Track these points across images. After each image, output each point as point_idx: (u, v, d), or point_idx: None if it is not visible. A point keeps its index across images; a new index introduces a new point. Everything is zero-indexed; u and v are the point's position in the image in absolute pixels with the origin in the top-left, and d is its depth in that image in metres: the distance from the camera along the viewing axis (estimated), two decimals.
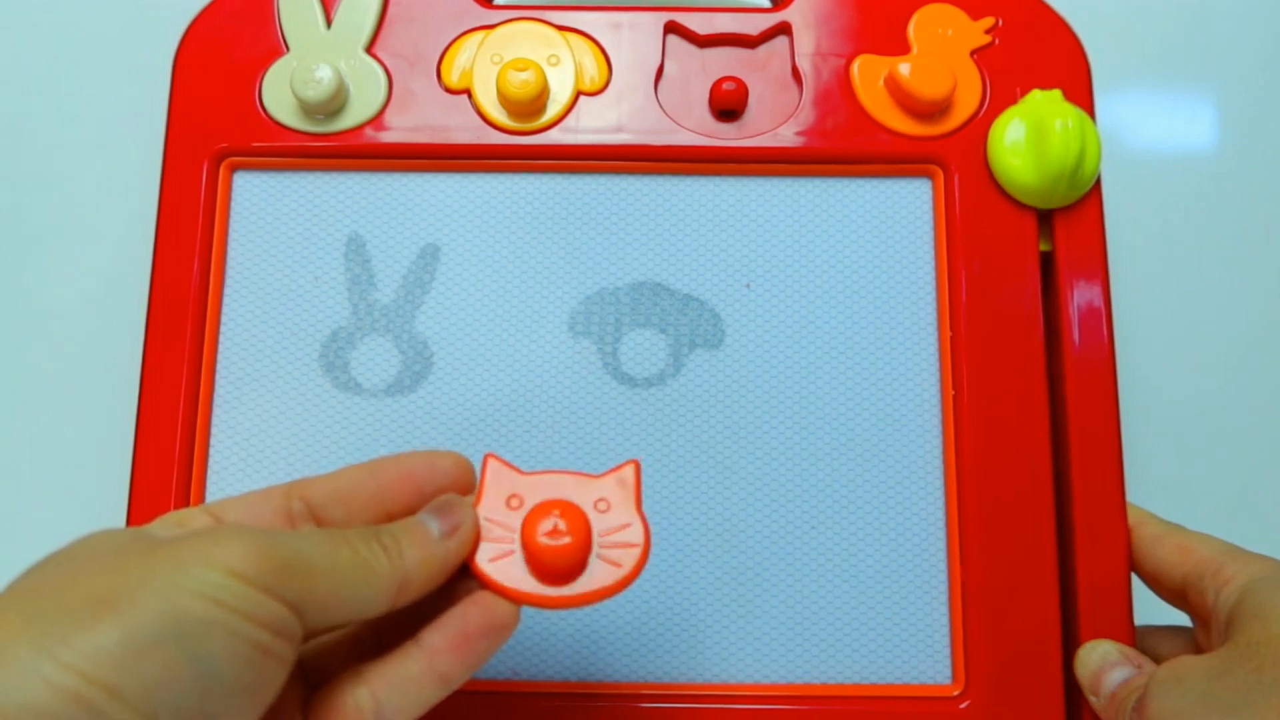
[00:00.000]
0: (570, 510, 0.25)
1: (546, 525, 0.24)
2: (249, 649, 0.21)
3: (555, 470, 0.26)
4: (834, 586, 0.32)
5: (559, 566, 0.24)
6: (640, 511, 0.26)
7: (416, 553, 0.24)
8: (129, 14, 0.43)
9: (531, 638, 0.31)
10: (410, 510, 0.25)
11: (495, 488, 0.26)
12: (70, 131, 0.42)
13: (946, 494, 0.32)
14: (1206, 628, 0.28)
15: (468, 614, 0.24)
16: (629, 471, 0.26)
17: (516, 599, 0.25)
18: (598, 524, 0.25)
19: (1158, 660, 0.29)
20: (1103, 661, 0.29)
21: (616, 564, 0.25)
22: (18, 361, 0.40)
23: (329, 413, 0.32)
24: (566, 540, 0.24)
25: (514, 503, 0.25)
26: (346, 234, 0.34)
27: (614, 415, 0.33)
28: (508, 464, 0.26)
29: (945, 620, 0.31)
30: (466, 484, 0.26)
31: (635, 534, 0.25)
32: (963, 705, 0.31)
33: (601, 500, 0.25)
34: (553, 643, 0.31)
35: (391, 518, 0.25)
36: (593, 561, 0.25)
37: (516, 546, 0.25)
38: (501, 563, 0.25)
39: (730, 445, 0.32)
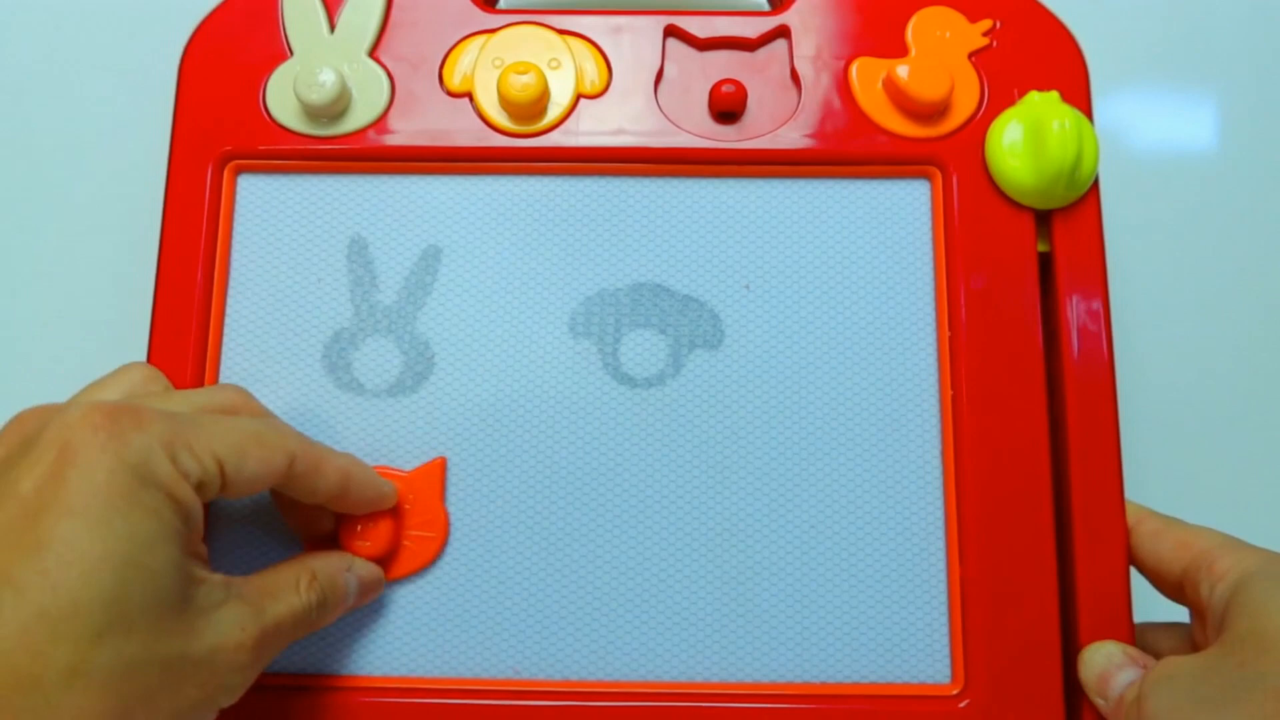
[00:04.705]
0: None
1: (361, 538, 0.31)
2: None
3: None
4: (834, 586, 0.32)
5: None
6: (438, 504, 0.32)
7: (334, 601, 0.29)
8: (134, 19, 0.44)
9: (532, 636, 0.31)
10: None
11: None
12: (77, 134, 0.43)
13: (946, 494, 0.32)
14: (1204, 622, 0.28)
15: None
16: (438, 469, 0.32)
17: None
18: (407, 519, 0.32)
19: (1158, 657, 0.29)
20: (1107, 663, 0.29)
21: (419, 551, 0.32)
22: (22, 363, 0.40)
23: (331, 413, 0.33)
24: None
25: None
26: (349, 236, 0.34)
27: (614, 415, 0.33)
28: None
29: (945, 619, 0.31)
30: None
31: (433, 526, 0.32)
32: (962, 704, 0.31)
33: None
34: (553, 641, 0.31)
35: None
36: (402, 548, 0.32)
37: None
38: None
39: (730, 445, 0.33)
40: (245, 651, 0.25)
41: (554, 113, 0.34)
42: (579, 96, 0.35)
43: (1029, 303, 0.33)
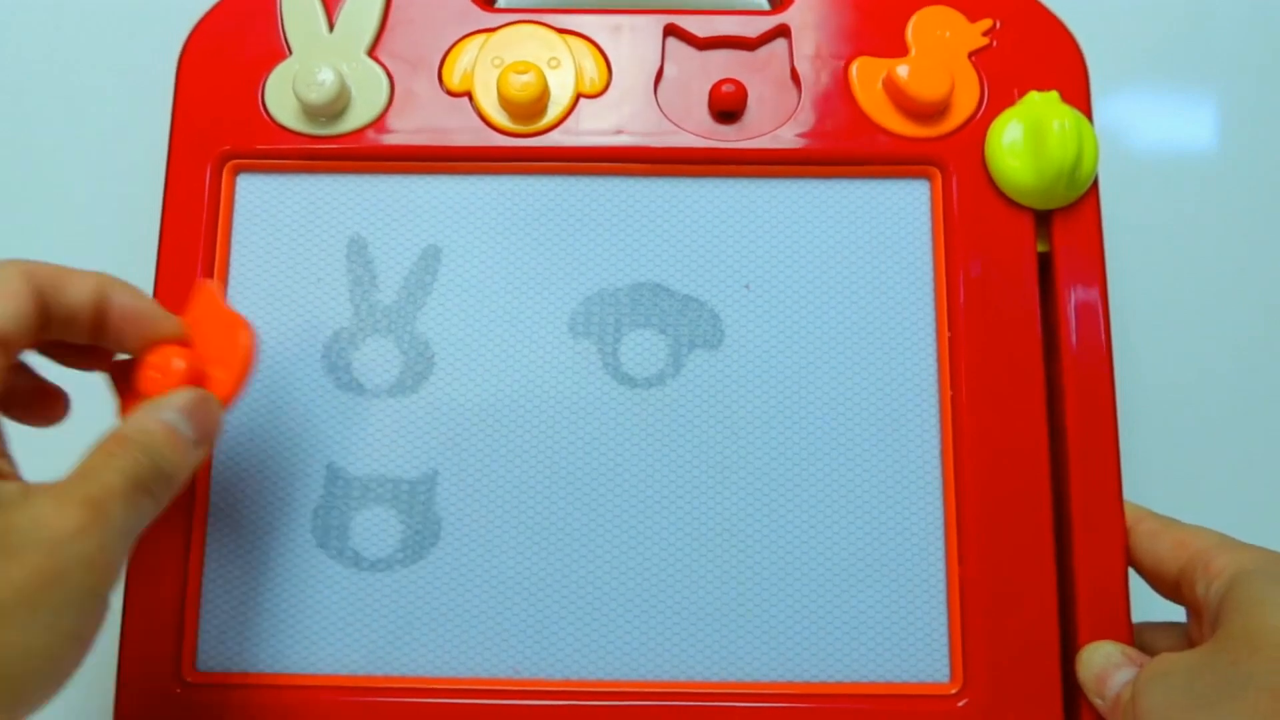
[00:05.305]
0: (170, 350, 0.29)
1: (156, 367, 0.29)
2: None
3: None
4: (834, 586, 0.32)
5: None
6: (229, 316, 0.29)
7: (175, 460, 0.27)
8: (133, 18, 0.44)
9: (532, 636, 0.31)
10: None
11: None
12: (75, 134, 0.43)
13: (945, 493, 0.32)
14: (1200, 621, 0.28)
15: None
16: (205, 292, 0.30)
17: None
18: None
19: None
20: (1105, 663, 0.29)
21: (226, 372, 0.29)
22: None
23: (331, 412, 0.33)
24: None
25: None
26: (348, 235, 0.34)
27: (614, 415, 0.33)
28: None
29: (944, 619, 0.31)
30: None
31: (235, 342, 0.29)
32: (961, 704, 0.31)
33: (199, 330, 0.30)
34: (553, 641, 0.31)
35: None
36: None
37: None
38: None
39: (730, 445, 0.33)
40: (71, 517, 0.23)
41: (554, 112, 0.34)
42: (579, 96, 0.35)
43: (1028, 302, 0.33)
